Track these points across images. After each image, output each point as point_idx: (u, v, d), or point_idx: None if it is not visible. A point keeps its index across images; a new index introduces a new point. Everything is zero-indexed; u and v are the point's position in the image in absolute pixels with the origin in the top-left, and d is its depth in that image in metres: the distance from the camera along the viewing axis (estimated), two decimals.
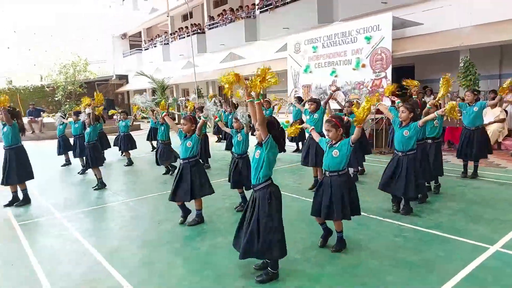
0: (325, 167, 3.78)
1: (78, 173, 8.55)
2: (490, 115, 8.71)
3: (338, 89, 6.37)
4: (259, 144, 3.21)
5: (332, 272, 3.43)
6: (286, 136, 3.50)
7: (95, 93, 7.33)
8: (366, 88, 11.62)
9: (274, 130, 3.17)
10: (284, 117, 12.39)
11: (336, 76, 12.80)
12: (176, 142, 7.51)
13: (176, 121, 15.58)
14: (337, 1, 13.51)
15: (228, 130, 5.46)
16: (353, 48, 12.17)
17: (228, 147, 9.45)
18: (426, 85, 11.93)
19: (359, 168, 7.21)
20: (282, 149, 3.29)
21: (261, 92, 3.22)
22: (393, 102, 5.49)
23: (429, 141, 5.65)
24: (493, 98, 7.72)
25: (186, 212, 4.91)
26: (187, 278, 3.45)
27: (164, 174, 8.09)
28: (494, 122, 8.63)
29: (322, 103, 6.24)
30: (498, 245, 3.83)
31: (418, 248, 3.87)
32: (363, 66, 11.91)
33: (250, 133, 5.14)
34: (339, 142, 3.69)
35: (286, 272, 3.40)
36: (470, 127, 6.39)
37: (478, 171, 6.65)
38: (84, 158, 7.43)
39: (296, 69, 14.25)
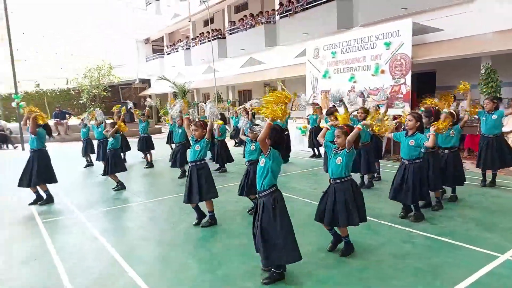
0: (330, 174, 3.86)
1: (101, 174, 8.86)
2: (511, 123, 8.53)
3: (341, 100, 6.39)
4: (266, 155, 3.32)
5: (339, 275, 3.49)
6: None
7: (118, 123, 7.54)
8: (385, 93, 11.58)
9: (276, 140, 3.26)
10: (301, 122, 12.52)
11: (355, 82, 12.77)
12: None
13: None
14: (357, 6, 13.52)
15: (245, 138, 5.57)
16: (372, 53, 12.13)
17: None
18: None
19: (375, 174, 7.23)
20: (285, 157, 3.39)
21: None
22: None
23: (446, 151, 5.61)
24: None
25: (200, 214, 5.05)
26: (199, 278, 3.59)
27: (178, 177, 8.29)
28: None
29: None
30: (509, 253, 3.80)
31: (426, 254, 3.88)
32: (382, 72, 11.85)
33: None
34: (343, 150, 3.77)
35: (293, 274, 3.49)
36: (488, 135, 6.31)
37: (498, 180, 6.55)
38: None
39: (314, 74, 14.29)
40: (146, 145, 10.14)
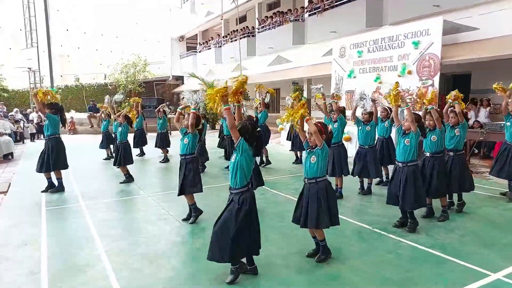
0: (305, 174, 3.68)
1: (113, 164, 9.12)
2: None
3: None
4: (235, 148, 3.23)
5: (305, 280, 3.34)
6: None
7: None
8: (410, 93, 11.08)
9: (246, 133, 3.18)
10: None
11: (380, 83, 12.31)
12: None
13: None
14: (386, 4, 13.04)
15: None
16: (400, 53, 11.61)
17: None
18: (474, 97, 11.25)
19: (383, 179, 6.96)
20: (257, 153, 3.28)
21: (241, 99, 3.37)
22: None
23: (451, 153, 5.25)
24: None
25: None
26: (173, 269, 3.62)
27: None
28: None
29: (351, 114, 6.25)
30: (502, 273, 3.44)
31: (406, 266, 3.61)
32: (409, 72, 11.31)
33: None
34: (316, 148, 3.56)
35: (261, 274, 3.40)
36: (510, 142, 5.83)
37: None
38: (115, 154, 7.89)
39: (340, 73, 13.93)
40: (162, 142, 10.32)
